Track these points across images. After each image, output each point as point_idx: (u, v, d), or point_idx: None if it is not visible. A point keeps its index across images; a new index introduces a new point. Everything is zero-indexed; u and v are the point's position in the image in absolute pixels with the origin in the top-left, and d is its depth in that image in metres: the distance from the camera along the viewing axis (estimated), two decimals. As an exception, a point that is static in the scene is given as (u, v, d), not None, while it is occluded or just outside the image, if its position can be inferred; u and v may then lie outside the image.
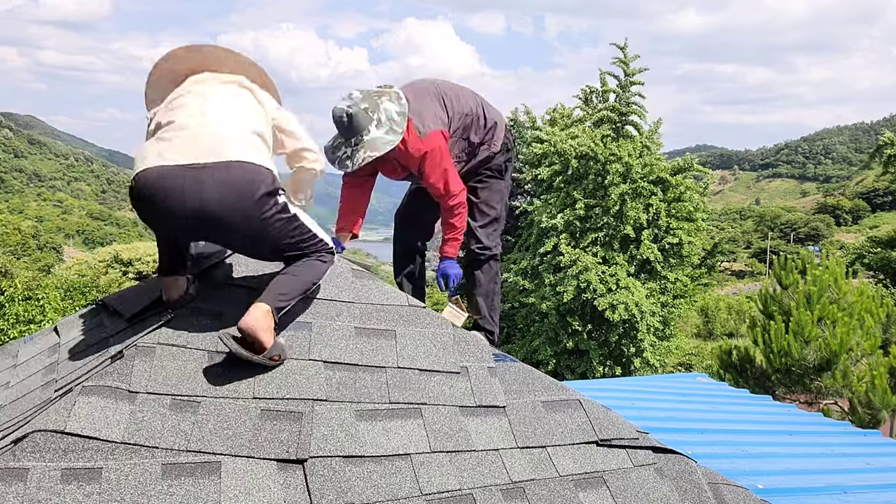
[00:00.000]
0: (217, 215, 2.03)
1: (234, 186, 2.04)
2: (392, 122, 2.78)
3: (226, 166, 2.05)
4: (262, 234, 2.14)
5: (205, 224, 2.07)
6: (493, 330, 3.40)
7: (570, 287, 16.28)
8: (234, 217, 2.05)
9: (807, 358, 9.80)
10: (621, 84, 18.12)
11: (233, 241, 2.23)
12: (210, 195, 2.02)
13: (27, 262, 37.99)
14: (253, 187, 2.07)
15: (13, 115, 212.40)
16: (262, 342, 2.07)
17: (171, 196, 2.01)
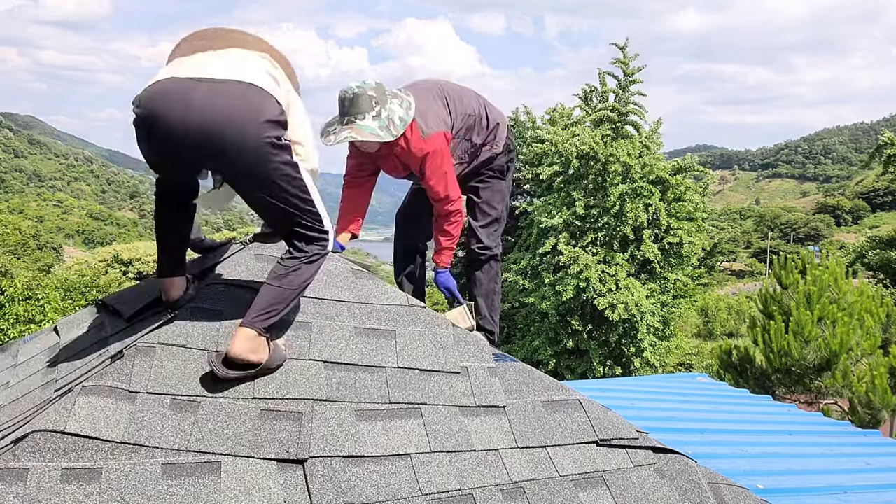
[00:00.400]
0: (220, 129, 1.93)
1: (242, 101, 1.97)
2: (391, 124, 2.77)
3: (237, 83, 1.99)
4: (263, 172, 2.02)
5: (206, 140, 1.94)
6: (493, 330, 3.40)
7: (570, 286, 16.28)
8: (236, 135, 1.94)
9: (807, 358, 9.81)
10: (621, 84, 18.13)
11: (233, 171, 2.07)
12: (216, 106, 1.93)
13: (27, 261, 38.00)
14: (261, 109, 1.99)
15: (13, 115, 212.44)
16: (254, 363, 2.06)
17: (173, 105, 1.92)
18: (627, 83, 18.03)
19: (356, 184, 3.17)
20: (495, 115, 3.24)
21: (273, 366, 2.11)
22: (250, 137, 1.96)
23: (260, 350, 2.06)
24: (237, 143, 1.95)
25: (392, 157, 2.97)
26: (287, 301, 2.12)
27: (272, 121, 2.01)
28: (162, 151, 2.04)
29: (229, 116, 1.94)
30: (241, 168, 2.03)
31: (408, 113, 2.81)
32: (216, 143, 1.95)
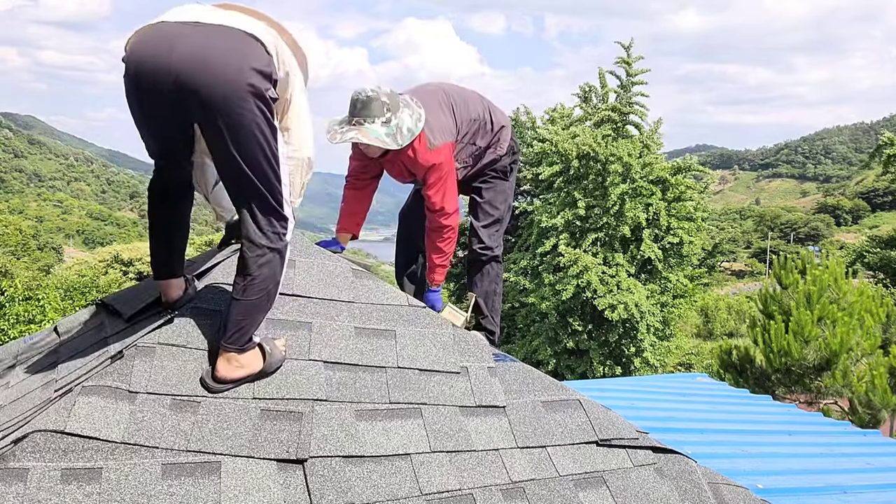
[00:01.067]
0: (202, 66, 1.83)
1: (229, 43, 1.88)
2: (398, 133, 2.77)
3: (229, 28, 1.91)
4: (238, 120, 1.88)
5: (189, 80, 1.84)
6: (493, 330, 3.40)
7: (570, 287, 16.28)
8: (217, 73, 1.83)
9: (807, 358, 9.81)
10: (623, 84, 18.13)
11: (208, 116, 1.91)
12: (202, 46, 1.85)
13: (27, 262, 38.00)
14: (248, 54, 1.88)
15: (13, 115, 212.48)
16: (245, 378, 2.05)
17: (160, 49, 1.84)
18: (630, 83, 18.03)
19: (358, 186, 3.17)
20: (499, 118, 3.24)
21: (271, 369, 2.10)
22: (231, 78, 1.85)
23: (246, 364, 2.04)
24: (217, 82, 1.84)
25: (398, 164, 2.98)
26: (254, 312, 2.04)
27: (258, 69, 1.89)
28: (151, 101, 1.93)
29: (213, 56, 1.85)
30: (216, 110, 1.88)
31: (417, 125, 2.81)
32: (197, 81, 1.84)
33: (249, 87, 1.87)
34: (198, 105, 1.89)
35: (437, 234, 3.05)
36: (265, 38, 1.95)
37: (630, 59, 18.01)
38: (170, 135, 2.04)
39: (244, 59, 1.87)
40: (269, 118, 1.94)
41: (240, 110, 1.88)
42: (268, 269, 2.02)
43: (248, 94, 1.87)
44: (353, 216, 3.19)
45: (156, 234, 2.29)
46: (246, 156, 1.94)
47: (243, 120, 1.89)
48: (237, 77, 1.85)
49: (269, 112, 1.94)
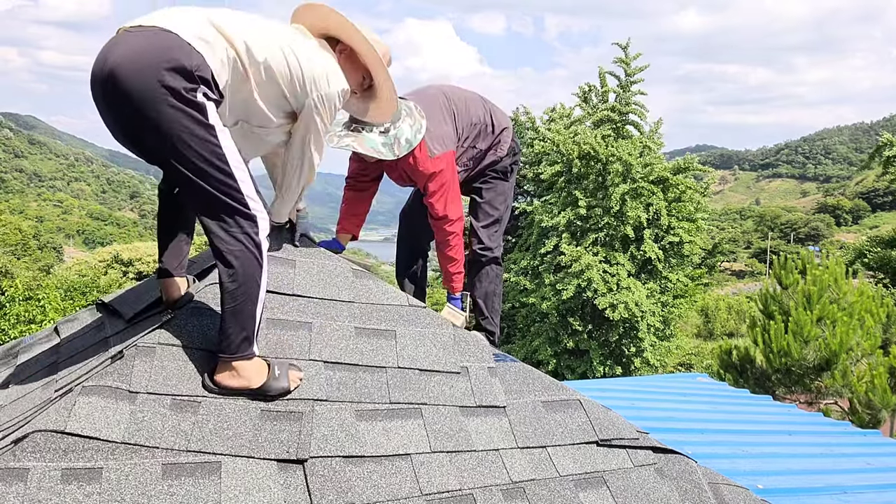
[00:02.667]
0: (119, 72, 1.79)
1: (147, 44, 1.83)
2: (396, 143, 2.77)
3: (156, 29, 1.87)
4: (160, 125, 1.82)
5: (114, 91, 1.82)
6: (493, 331, 3.40)
7: (571, 286, 16.28)
8: (131, 76, 1.78)
9: (806, 358, 9.81)
10: (622, 84, 18.12)
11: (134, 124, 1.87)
12: (122, 50, 1.82)
13: (27, 262, 38.00)
14: (165, 52, 1.82)
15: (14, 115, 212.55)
16: (240, 390, 2.02)
17: (99, 59, 1.84)
18: (629, 83, 18.02)
19: (359, 187, 3.17)
20: (500, 120, 3.24)
21: (271, 392, 2.04)
22: (145, 80, 1.79)
23: (244, 376, 2.01)
24: (132, 88, 1.80)
25: (399, 170, 2.99)
26: (237, 318, 1.98)
27: (176, 68, 1.81)
28: (102, 113, 1.92)
29: (129, 59, 1.80)
30: (139, 117, 1.83)
31: (416, 136, 2.81)
32: (118, 89, 1.81)
33: (164, 86, 1.80)
34: (124, 112, 1.86)
35: (445, 244, 3.07)
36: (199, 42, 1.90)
37: (627, 59, 18.01)
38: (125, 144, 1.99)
39: (162, 57, 1.82)
40: (198, 116, 1.86)
41: (156, 113, 1.82)
42: (240, 274, 1.96)
43: (163, 91, 1.81)
44: (354, 217, 3.19)
45: (160, 234, 2.31)
46: (182, 160, 1.88)
47: (164, 123, 1.83)
48: (151, 77, 1.80)
49: (196, 110, 1.86)
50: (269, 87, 2.09)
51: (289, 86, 2.10)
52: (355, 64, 2.34)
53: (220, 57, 1.95)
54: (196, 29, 1.93)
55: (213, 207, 1.94)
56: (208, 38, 1.94)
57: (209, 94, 1.91)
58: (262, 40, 2.04)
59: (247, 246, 1.97)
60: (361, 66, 2.36)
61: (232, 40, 1.99)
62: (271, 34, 2.10)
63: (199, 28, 1.94)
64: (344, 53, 2.32)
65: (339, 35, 2.30)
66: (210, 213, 1.95)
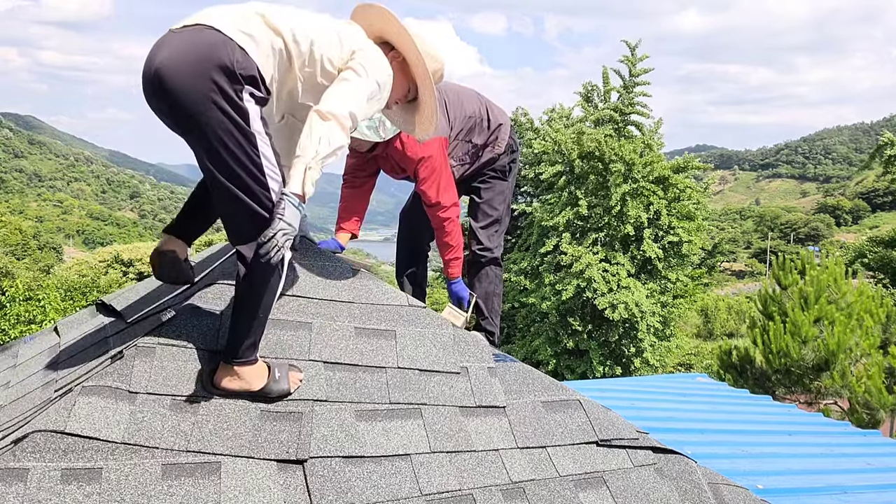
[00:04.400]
0: (164, 71, 1.80)
1: (189, 45, 1.82)
2: (381, 126, 2.77)
3: (199, 28, 1.86)
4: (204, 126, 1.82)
5: (161, 89, 1.82)
6: (493, 331, 3.40)
7: (571, 286, 16.28)
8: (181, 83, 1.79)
9: (805, 358, 9.81)
10: (625, 84, 18.12)
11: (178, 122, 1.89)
12: (168, 50, 1.82)
13: (28, 262, 38.00)
14: (208, 49, 1.81)
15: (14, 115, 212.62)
16: (240, 392, 2.01)
17: (147, 60, 1.85)
18: (632, 83, 18.01)
19: (356, 184, 3.17)
20: (497, 116, 3.23)
21: (272, 394, 2.04)
22: (188, 80, 1.79)
23: (244, 378, 2.00)
24: (178, 88, 1.79)
25: (389, 159, 2.98)
26: (254, 325, 1.99)
27: (219, 67, 1.80)
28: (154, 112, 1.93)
29: (173, 59, 1.81)
30: (182, 117, 1.84)
31: None
32: (165, 89, 1.81)
33: (207, 88, 1.80)
34: (170, 112, 1.86)
35: (441, 231, 3.06)
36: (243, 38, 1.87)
37: (633, 59, 18.00)
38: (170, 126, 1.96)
39: (208, 55, 1.80)
40: (241, 122, 1.85)
41: (199, 115, 1.81)
42: (258, 281, 1.95)
43: (206, 95, 1.80)
44: (352, 214, 3.18)
45: (188, 203, 2.29)
46: (219, 163, 1.87)
47: (205, 125, 1.82)
48: (192, 78, 1.79)
49: (240, 115, 1.85)
50: (314, 81, 2.05)
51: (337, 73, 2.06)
52: (405, 73, 2.29)
53: (264, 49, 1.92)
54: (238, 22, 1.91)
55: (241, 213, 1.92)
56: (251, 30, 1.91)
57: (255, 93, 1.89)
58: (310, 29, 2.01)
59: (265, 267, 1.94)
60: (410, 77, 2.30)
61: (279, 29, 1.96)
62: (320, 24, 2.07)
63: (242, 21, 1.92)
64: (396, 60, 2.26)
65: (394, 41, 2.26)
66: (238, 218, 1.94)
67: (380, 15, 2.24)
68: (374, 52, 2.13)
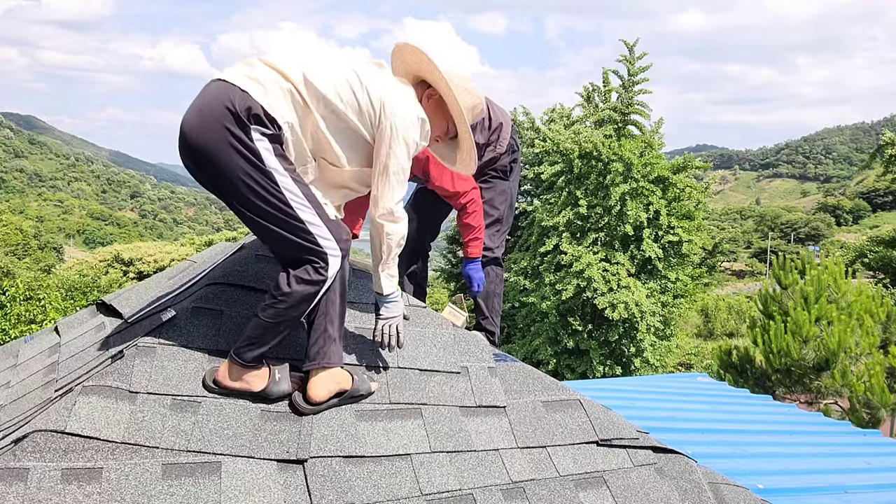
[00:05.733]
0: (186, 132, 1.90)
1: (202, 100, 1.91)
2: None
3: (212, 83, 1.96)
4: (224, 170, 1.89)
5: (187, 150, 1.92)
6: (493, 331, 3.40)
7: (571, 286, 16.28)
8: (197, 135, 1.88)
9: (806, 358, 9.81)
10: (624, 84, 18.11)
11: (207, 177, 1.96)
12: (189, 109, 1.93)
13: (28, 262, 38.01)
14: (214, 98, 1.89)
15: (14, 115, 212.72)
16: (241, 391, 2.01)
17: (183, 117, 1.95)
18: (631, 82, 18.00)
19: None
20: (499, 116, 3.22)
21: (272, 396, 2.05)
22: (202, 133, 1.87)
23: (246, 379, 2.01)
24: (193, 141, 1.89)
25: None
26: (270, 335, 2.00)
27: (225, 108, 1.87)
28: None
29: (191, 114, 1.90)
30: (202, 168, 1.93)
31: None
32: (186, 143, 1.91)
33: (222, 131, 1.87)
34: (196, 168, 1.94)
35: (462, 213, 3.11)
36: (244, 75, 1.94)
37: (632, 58, 17.98)
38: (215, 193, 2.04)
39: (219, 105, 1.88)
40: (254, 161, 1.90)
41: (215, 163, 1.89)
42: (293, 297, 1.97)
43: (217, 143, 1.87)
44: (353, 215, 3.18)
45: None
46: (245, 203, 1.94)
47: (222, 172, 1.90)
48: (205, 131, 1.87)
49: (252, 155, 1.89)
50: (337, 122, 2.05)
51: (358, 116, 2.05)
52: (443, 110, 2.27)
53: (272, 91, 1.95)
54: (244, 69, 1.97)
55: (282, 246, 1.99)
56: (255, 74, 1.96)
57: (265, 130, 1.92)
58: (323, 70, 2.02)
59: (310, 278, 1.98)
60: (449, 114, 2.29)
61: (286, 72, 1.98)
62: (335, 63, 2.05)
63: (247, 68, 1.98)
64: (433, 98, 2.25)
65: (429, 79, 2.25)
66: (280, 250, 2.01)
67: (414, 54, 2.22)
68: (402, 102, 2.09)
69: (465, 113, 2.24)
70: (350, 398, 2.12)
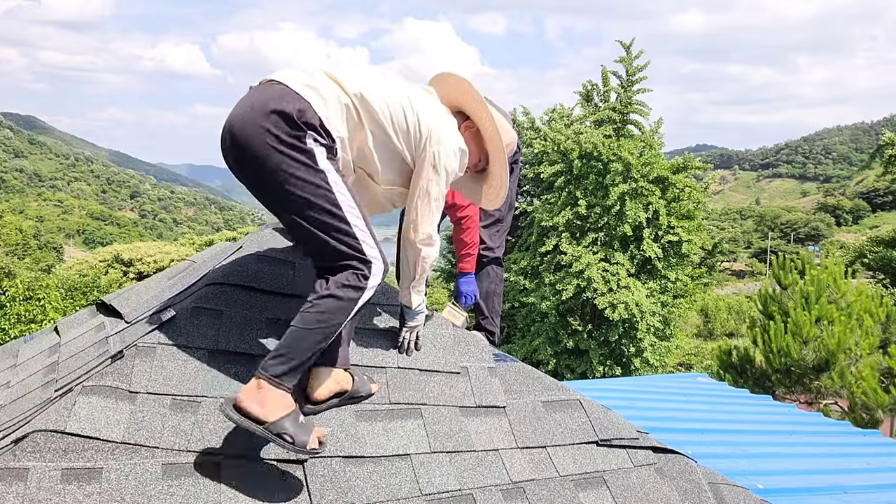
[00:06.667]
0: (233, 130, 1.86)
1: (255, 99, 1.88)
2: None
3: (267, 84, 1.93)
4: (266, 169, 1.84)
5: (231, 146, 1.88)
6: (493, 331, 3.40)
7: (570, 286, 16.28)
8: (244, 133, 1.84)
9: (805, 358, 9.81)
10: (623, 84, 18.11)
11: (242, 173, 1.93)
12: (237, 108, 1.90)
13: (28, 262, 38.00)
14: (270, 99, 1.85)
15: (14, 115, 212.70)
16: (255, 415, 1.80)
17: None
18: (630, 82, 18.00)
19: None
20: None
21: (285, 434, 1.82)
22: (251, 131, 1.83)
23: (267, 405, 1.81)
24: (240, 140, 1.85)
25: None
26: (303, 346, 1.86)
27: (279, 114, 1.83)
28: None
29: (239, 114, 1.88)
30: (250, 169, 1.88)
31: None
32: (231, 143, 1.87)
33: (268, 130, 1.83)
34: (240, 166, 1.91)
35: (457, 228, 3.12)
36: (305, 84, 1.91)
37: (629, 59, 17.98)
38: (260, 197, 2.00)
39: (267, 104, 1.84)
40: (306, 161, 1.85)
41: (263, 162, 1.84)
42: (336, 303, 1.88)
43: (267, 135, 1.83)
44: None
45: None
46: (292, 207, 1.88)
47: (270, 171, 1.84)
48: (256, 122, 1.83)
49: (303, 155, 1.85)
50: (384, 139, 2.05)
51: (405, 138, 2.06)
52: (478, 144, 2.28)
53: (332, 104, 1.94)
54: (305, 78, 1.94)
55: (326, 254, 1.91)
56: (318, 85, 1.94)
57: (319, 139, 1.89)
58: (379, 89, 2.02)
59: (350, 283, 1.90)
60: (482, 149, 2.29)
61: (346, 88, 1.98)
62: (390, 85, 2.07)
63: (309, 77, 1.95)
64: (470, 130, 2.26)
65: (470, 112, 2.26)
66: (321, 254, 1.92)
67: (458, 86, 2.23)
68: (448, 132, 2.11)
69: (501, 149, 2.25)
70: (350, 399, 2.11)
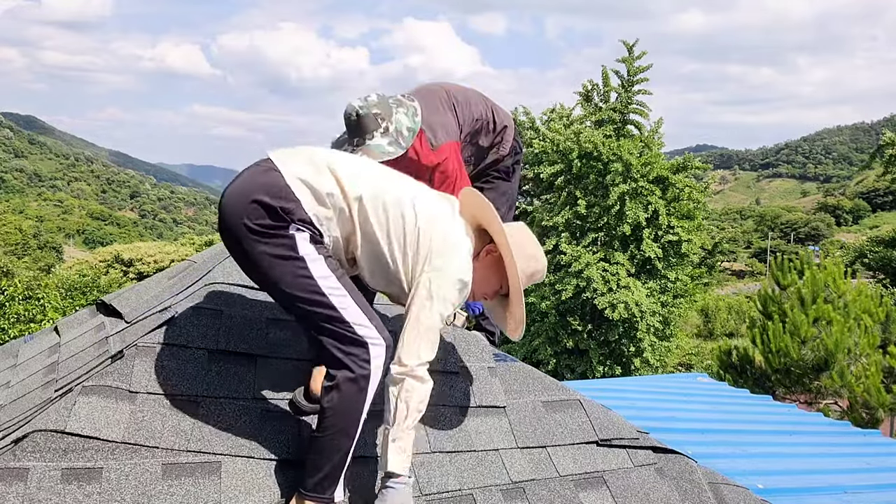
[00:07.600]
0: (223, 211, 1.84)
1: (247, 182, 1.84)
2: (399, 136, 2.74)
3: (265, 168, 1.86)
4: (252, 258, 1.83)
5: (220, 227, 1.87)
6: (493, 331, 3.40)
7: (570, 286, 16.29)
8: (230, 218, 1.82)
9: (805, 358, 9.82)
10: (624, 84, 18.11)
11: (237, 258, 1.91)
12: (232, 186, 1.87)
13: (28, 261, 38.01)
14: (257, 190, 1.81)
15: (14, 114, 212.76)
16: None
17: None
18: (631, 82, 17.99)
19: None
20: (502, 118, 3.22)
21: None
22: (235, 215, 1.81)
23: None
24: (227, 221, 1.84)
25: (401, 167, 2.97)
26: (329, 451, 1.81)
27: (263, 207, 1.79)
28: None
29: (230, 194, 1.85)
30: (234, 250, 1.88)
31: (414, 121, 2.76)
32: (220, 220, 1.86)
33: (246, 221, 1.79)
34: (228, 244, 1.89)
35: None
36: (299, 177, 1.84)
37: (631, 59, 17.97)
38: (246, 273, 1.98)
39: (250, 192, 1.81)
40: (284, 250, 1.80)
41: (244, 246, 1.82)
42: (339, 400, 1.80)
43: (244, 227, 1.80)
44: None
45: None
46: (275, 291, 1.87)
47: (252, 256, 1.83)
48: (238, 214, 1.80)
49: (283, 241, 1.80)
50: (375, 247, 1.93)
51: (400, 252, 1.91)
52: (499, 270, 2.10)
53: (325, 205, 1.87)
54: (305, 171, 1.86)
55: (321, 331, 1.85)
56: (316, 184, 1.85)
57: (302, 228, 1.83)
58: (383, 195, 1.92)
59: (352, 371, 1.81)
60: (504, 276, 2.11)
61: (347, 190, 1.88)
62: (399, 190, 1.95)
63: (311, 171, 1.87)
64: (492, 255, 2.09)
65: (493, 235, 2.09)
66: (319, 334, 1.86)
67: (481, 210, 2.08)
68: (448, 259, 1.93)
69: (523, 280, 2.08)
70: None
